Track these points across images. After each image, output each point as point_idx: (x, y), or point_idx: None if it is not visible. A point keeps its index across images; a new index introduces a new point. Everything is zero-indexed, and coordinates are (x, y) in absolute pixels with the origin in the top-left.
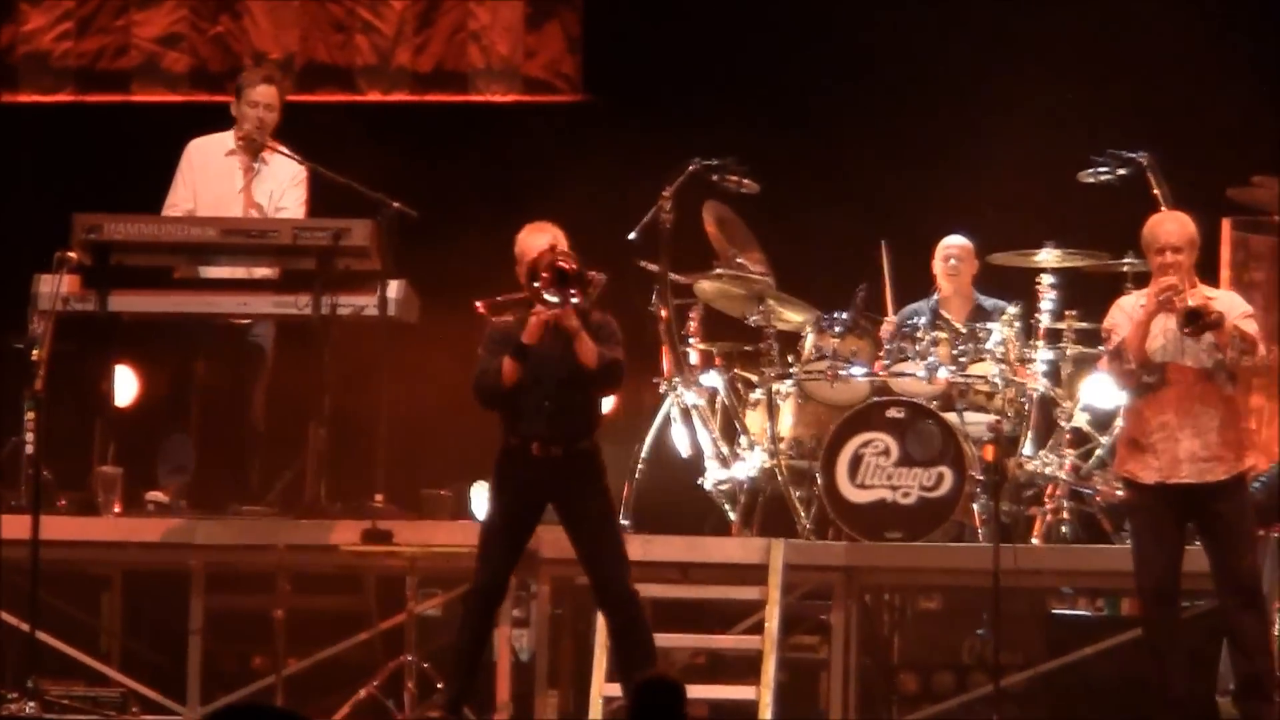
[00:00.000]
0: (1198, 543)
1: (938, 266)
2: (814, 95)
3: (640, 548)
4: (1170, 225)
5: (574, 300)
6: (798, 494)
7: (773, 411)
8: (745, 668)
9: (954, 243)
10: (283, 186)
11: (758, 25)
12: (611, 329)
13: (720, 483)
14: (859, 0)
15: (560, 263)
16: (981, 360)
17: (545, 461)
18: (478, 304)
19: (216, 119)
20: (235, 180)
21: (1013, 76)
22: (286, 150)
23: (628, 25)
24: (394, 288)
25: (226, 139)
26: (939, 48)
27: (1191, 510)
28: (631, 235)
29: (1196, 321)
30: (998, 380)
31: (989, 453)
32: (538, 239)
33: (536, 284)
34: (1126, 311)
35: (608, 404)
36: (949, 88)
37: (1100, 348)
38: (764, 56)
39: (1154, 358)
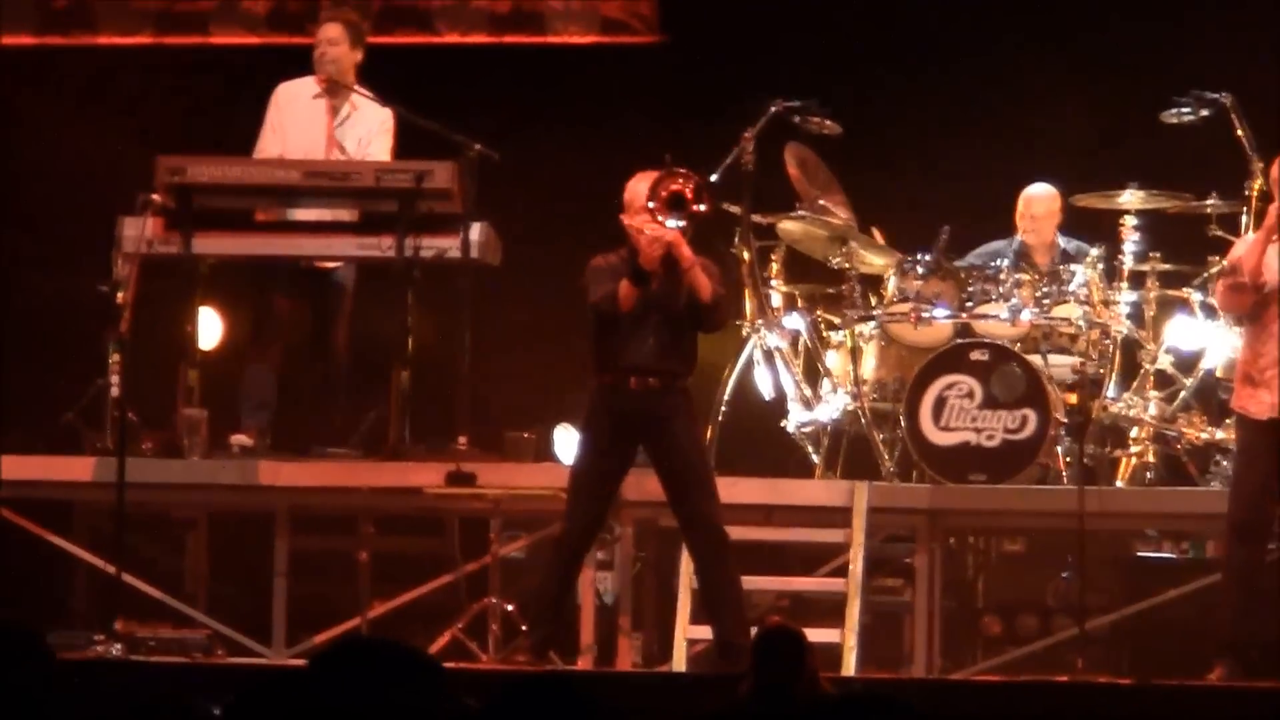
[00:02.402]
0: None
1: (1020, 218)
2: (895, 35)
3: (724, 490)
4: None
5: (683, 224)
6: (881, 436)
7: (855, 354)
8: (829, 611)
9: (1035, 194)
10: (372, 132)
11: None
12: (713, 266)
13: (803, 425)
14: None
15: (678, 186)
16: (1065, 303)
17: (642, 395)
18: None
19: (295, 61)
20: (322, 123)
21: (1096, 14)
22: (370, 94)
23: None
24: (476, 230)
25: (312, 82)
26: None
27: None
28: (713, 177)
29: None
30: (1081, 322)
31: (1073, 395)
32: (645, 187)
33: (653, 205)
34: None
35: None
36: (1032, 26)
37: (1186, 288)
38: None
39: (1268, 285)
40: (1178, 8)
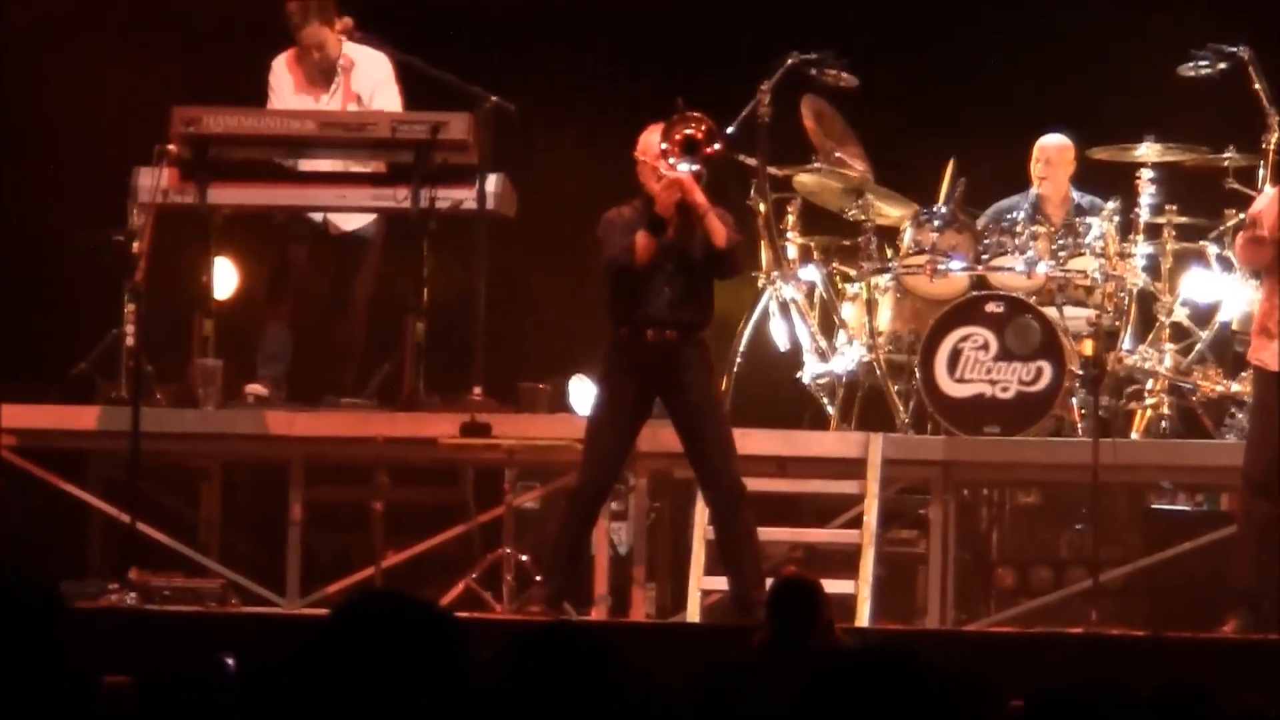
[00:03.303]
0: None
1: (1034, 166)
2: None
3: (738, 441)
4: None
5: (697, 166)
6: (896, 388)
7: (871, 306)
8: (843, 562)
9: (1050, 143)
10: (376, 83)
11: None
12: (727, 214)
13: (818, 377)
14: None
15: (691, 130)
16: (1080, 255)
17: (659, 347)
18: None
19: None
20: (327, 85)
21: None
22: (367, 48)
23: None
24: (492, 181)
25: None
26: None
27: None
28: (729, 129)
29: None
30: (1097, 275)
31: (1088, 347)
32: (657, 137)
33: (665, 148)
34: (1270, 196)
35: None
36: None
37: (1202, 241)
38: None
39: None
40: None
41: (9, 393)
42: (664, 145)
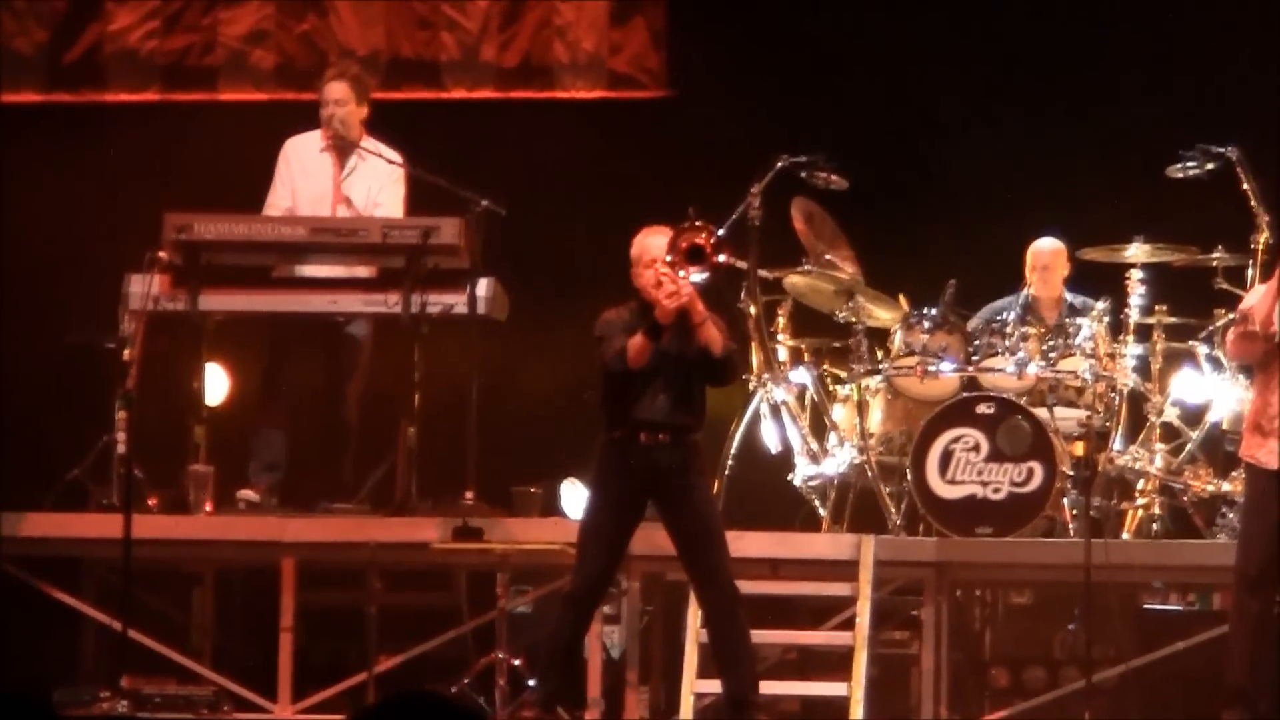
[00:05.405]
0: None
1: (1030, 274)
2: (901, 90)
3: (731, 543)
4: None
5: (705, 276)
6: (888, 489)
7: (862, 407)
8: (836, 663)
9: (1044, 247)
10: (380, 184)
11: (843, 20)
12: (720, 320)
13: (810, 478)
14: None
15: (698, 239)
16: (1071, 355)
17: (652, 451)
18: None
19: (302, 116)
20: (329, 176)
21: (1102, 70)
22: (383, 147)
23: (713, 20)
24: (483, 285)
25: (319, 136)
26: (1029, 42)
27: None
28: (720, 231)
29: None
30: (1088, 375)
31: (1079, 448)
32: (657, 240)
33: (671, 257)
34: (1260, 292)
35: None
36: (1039, 82)
37: (1192, 341)
38: (849, 51)
39: (1278, 334)
40: (1184, 62)
41: (2, 500)
42: (670, 255)
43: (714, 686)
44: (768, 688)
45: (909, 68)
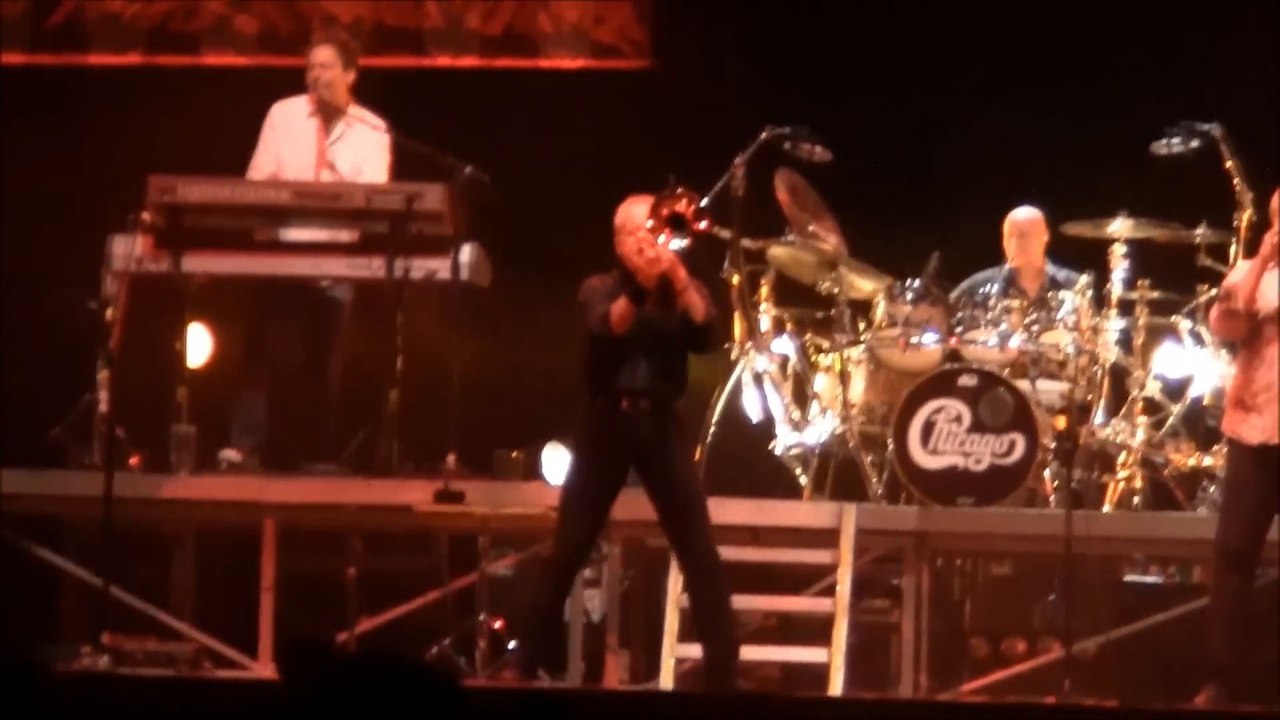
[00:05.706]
0: None
1: (1008, 242)
2: (886, 61)
3: (712, 510)
4: None
5: (686, 242)
6: (869, 459)
7: (844, 378)
8: (816, 630)
9: (1022, 216)
10: (366, 152)
11: None
12: (703, 288)
13: (791, 447)
14: None
15: (679, 206)
16: (1053, 329)
17: (635, 418)
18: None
19: (286, 82)
20: (314, 142)
21: (1087, 45)
22: (367, 113)
23: None
24: (466, 252)
25: (306, 101)
26: (1015, 17)
27: None
28: (704, 202)
29: None
30: (1070, 349)
31: (1061, 421)
32: (641, 208)
33: (653, 224)
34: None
35: None
36: (1022, 56)
37: (1175, 316)
38: (834, 22)
39: (1262, 311)
40: (1168, 38)
41: None
42: (651, 221)
43: (694, 651)
44: (748, 653)
45: (894, 40)
